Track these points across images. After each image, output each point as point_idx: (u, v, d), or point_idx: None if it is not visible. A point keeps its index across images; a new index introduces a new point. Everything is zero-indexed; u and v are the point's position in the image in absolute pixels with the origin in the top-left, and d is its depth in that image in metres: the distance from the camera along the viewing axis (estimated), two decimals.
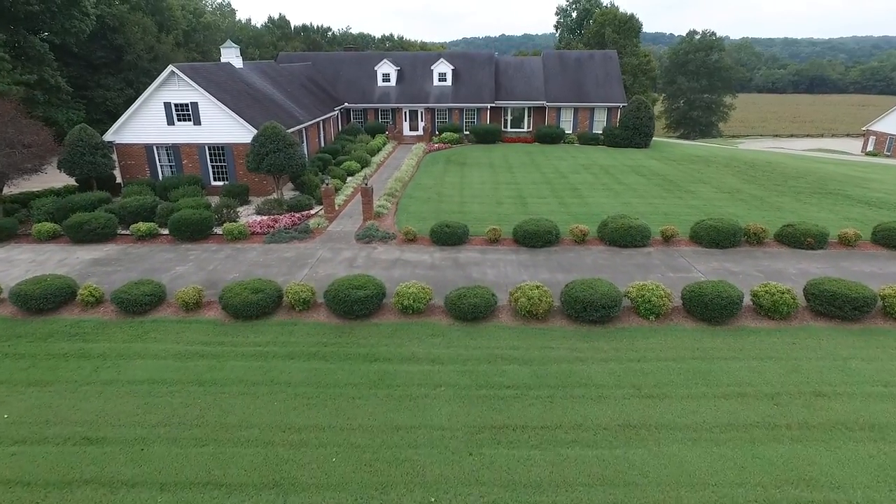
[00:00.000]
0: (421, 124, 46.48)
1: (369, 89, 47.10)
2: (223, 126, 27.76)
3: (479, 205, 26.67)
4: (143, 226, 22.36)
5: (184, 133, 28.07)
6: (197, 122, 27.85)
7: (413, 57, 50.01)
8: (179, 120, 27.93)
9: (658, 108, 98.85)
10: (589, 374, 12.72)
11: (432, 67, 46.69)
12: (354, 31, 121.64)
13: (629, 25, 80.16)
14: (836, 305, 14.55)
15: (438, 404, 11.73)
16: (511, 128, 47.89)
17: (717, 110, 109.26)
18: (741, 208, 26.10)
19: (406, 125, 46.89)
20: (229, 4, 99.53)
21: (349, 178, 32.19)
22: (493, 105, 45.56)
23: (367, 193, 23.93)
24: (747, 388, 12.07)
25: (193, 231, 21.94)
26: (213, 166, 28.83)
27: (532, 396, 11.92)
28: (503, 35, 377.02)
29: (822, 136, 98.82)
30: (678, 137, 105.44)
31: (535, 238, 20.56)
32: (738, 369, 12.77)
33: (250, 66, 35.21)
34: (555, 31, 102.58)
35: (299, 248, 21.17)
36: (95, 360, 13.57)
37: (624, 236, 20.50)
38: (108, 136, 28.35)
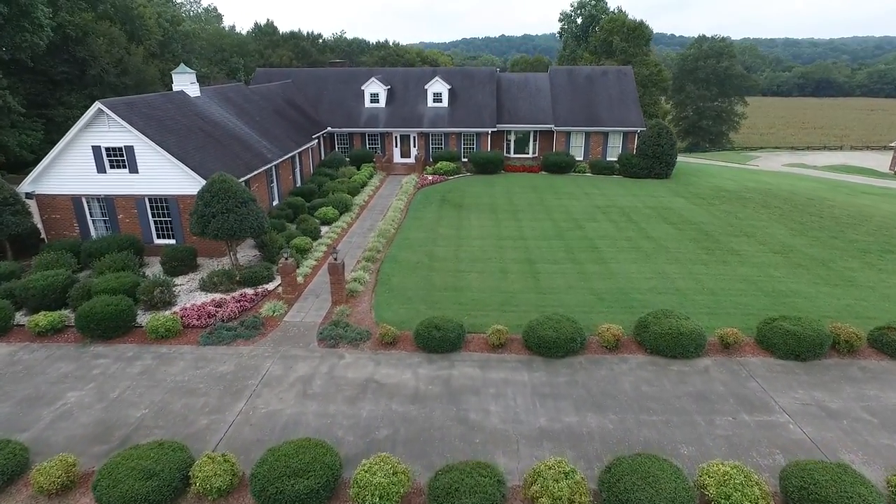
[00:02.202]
0: (413, 151, 41.35)
1: (355, 111, 41.97)
2: (165, 174, 22.65)
3: (479, 275, 21.55)
4: (42, 319, 17.23)
5: (118, 183, 22.96)
6: (133, 169, 22.73)
7: (405, 74, 44.84)
8: (112, 167, 22.81)
9: (667, 118, 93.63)
10: None
11: (426, 87, 41.55)
12: (349, 35, 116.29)
13: (638, 33, 75.14)
14: None
15: None
16: (515, 153, 42.78)
17: (728, 119, 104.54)
18: (804, 281, 20.99)
19: (397, 151, 41.75)
20: (215, 9, 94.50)
21: (324, 230, 27.06)
22: (495, 130, 40.42)
23: (336, 271, 18.81)
24: None
25: (107, 328, 16.83)
26: (155, 222, 23.72)
27: None
28: (503, 35, 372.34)
29: (840, 148, 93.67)
30: (687, 148, 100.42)
31: (553, 347, 15.45)
32: None
33: (211, 94, 30.07)
34: (558, 36, 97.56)
35: (242, 357, 16.04)
36: None
37: (671, 345, 15.39)
38: (27, 186, 23.24)
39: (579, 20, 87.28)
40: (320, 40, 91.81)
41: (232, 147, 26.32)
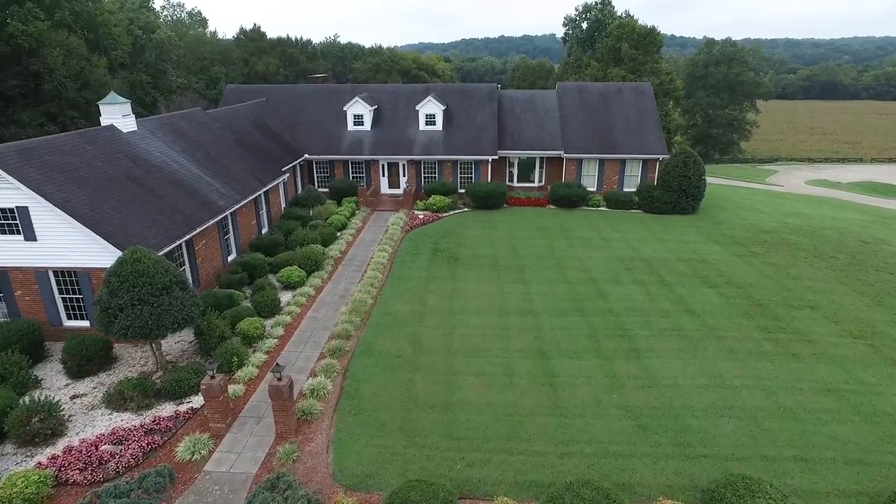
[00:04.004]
0: (403, 180, 36.20)
1: (337, 135, 36.80)
2: (72, 242, 17.51)
3: (478, 379, 16.40)
4: None
5: (11, 252, 17.80)
6: (29, 236, 17.58)
7: (394, 92, 39.67)
8: (3, 232, 17.67)
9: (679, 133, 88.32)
10: None
11: (417, 107, 36.37)
12: (343, 38, 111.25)
13: (649, 40, 69.94)
14: None
15: None
16: (518, 181, 37.67)
17: (739, 128, 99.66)
18: None
19: (384, 181, 36.59)
20: (199, 13, 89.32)
21: (287, 297, 21.91)
22: (496, 158, 35.27)
23: (279, 395, 13.66)
24: None
25: None
26: (63, 300, 18.58)
27: None
28: (502, 36, 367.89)
29: (860, 159, 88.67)
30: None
31: None
32: None
33: (153, 126, 24.84)
34: (562, 42, 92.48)
35: None
36: None
37: None
38: None
39: (584, 25, 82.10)
40: (310, 47, 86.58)
41: (170, 197, 21.15)
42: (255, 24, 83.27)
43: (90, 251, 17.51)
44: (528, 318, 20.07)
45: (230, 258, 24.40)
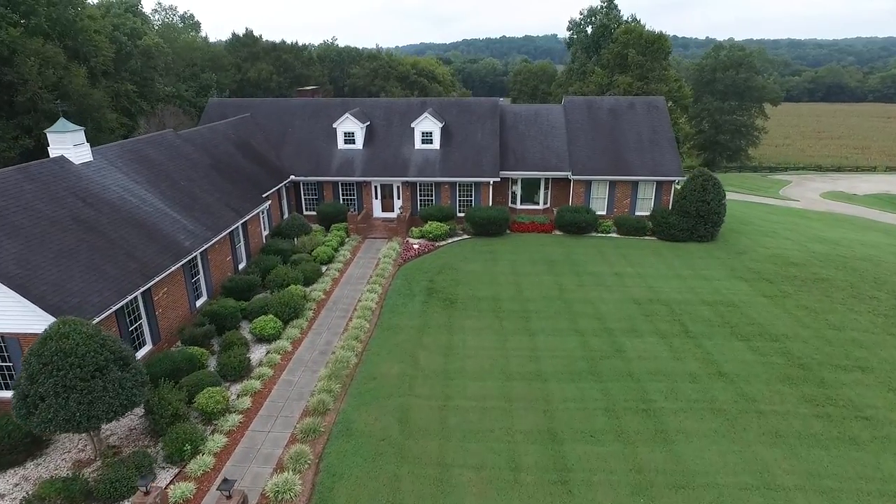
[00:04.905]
0: (397, 204, 33.49)
1: (326, 154, 34.10)
2: None
3: (476, 475, 13.69)
4: None
5: None
6: None
7: (388, 106, 36.90)
8: None
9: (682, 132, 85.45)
10: None
11: (413, 124, 33.65)
12: (342, 41, 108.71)
13: (657, 46, 67.18)
14: None
15: None
16: (521, 203, 34.95)
17: (748, 134, 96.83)
18: None
19: (377, 204, 33.87)
20: (192, 17, 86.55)
21: (258, 354, 19.20)
22: (498, 180, 32.55)
23: None
24: None
25: None
26: None
27: None
28: (504, 37, 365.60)
29: (874, 168, 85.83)
30: (703, 165, 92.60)
31: None
32: None
33: (113, 154, 22.12)
34: (566, 47, 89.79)
35: None
36: None
37: None
38: None
39: (589, 30, 79.33)
40: (305, 52, 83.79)
41: (125, 241, 18.45)
42: (247, 29, 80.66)
43: (20, 315, 14.82)
44: (535, 385, 17.35)
45: (200, 302, 21.71)
